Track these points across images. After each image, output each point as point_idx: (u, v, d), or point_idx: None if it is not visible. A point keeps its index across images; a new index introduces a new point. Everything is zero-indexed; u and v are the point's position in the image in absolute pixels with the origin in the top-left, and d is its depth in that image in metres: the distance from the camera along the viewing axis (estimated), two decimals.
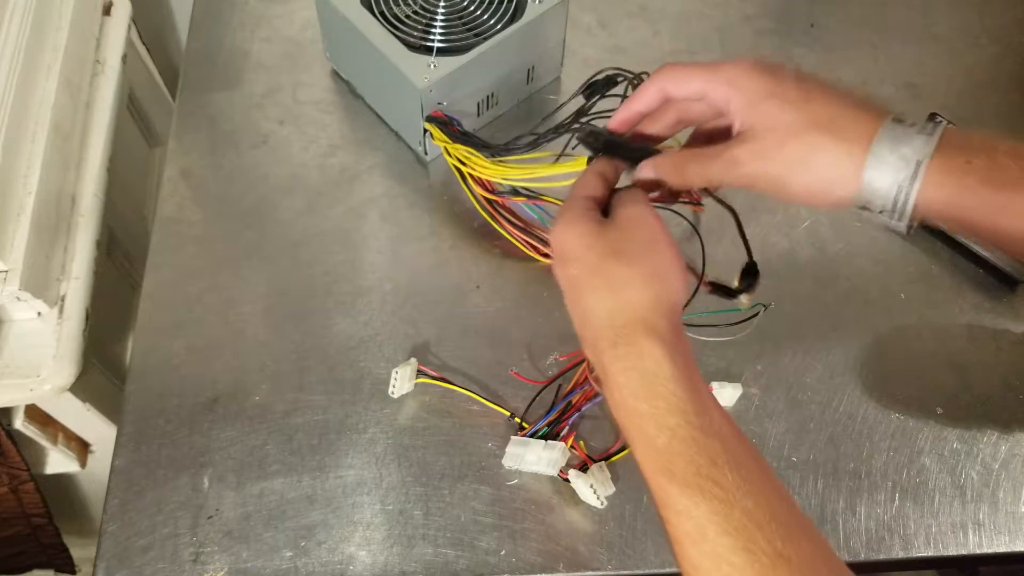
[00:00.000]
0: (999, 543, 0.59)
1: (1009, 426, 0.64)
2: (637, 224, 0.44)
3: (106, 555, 0.58)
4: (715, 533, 0.37)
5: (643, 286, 0.42)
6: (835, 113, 0.42)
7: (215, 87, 0.81)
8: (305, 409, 0.64)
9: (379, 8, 0.72)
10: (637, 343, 0.41)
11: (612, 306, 0.42)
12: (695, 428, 0.39)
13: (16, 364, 0.69)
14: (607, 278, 0.43)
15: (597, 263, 0.43)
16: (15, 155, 0.69)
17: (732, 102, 0.44)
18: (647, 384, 0.40)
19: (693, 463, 0.38)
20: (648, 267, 0.43)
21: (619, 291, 0.42)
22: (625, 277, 0.42)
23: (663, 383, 0.40)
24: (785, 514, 0.38)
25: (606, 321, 0.42)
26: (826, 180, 0.43)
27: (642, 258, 0.43)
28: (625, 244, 0.43)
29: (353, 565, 0.58)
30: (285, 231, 0.72)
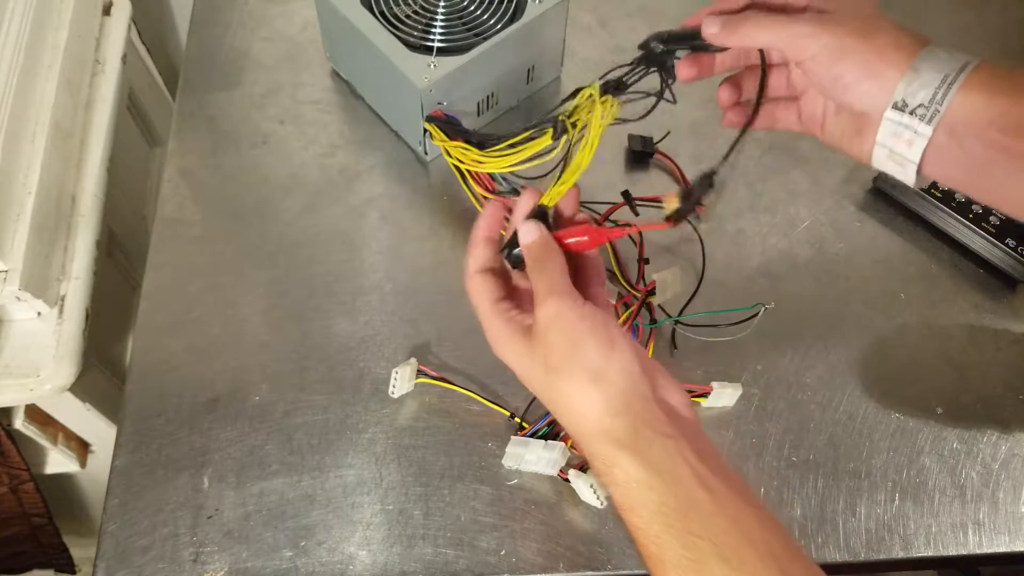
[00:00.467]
0: (999, 543, 0.59)
1: (1009, 426, 0.64)
2: (555, 328, 0.42)
3: (106, 555, 0.58)
4: None
5: (586, 397, 0.41)
6: (895, 25, 0.44)
7: (215, 87, 0.81)
8: (305, 409, 0.64)
9: (379, 8, 0.72)
10: (605, 456, 0.40)
11: (572, 424, 0.42)
12: (678, 531, 0.38)
13: (16, 364, 0.69)
14: (556, 397, 0.42)
15: (542, 382, 0.43)
16: (15, 155, 0.69)
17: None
18: (626, 496, 0.40)
19: (680, 569, 0.38)
20: (582, 373, 0.41)
21: (569, 409, 0.42)
22: (568, 392, 0.41)
23: (637, 490, 0.39)
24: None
25: (576, 439, 0.43)
26: (875, 69, 0.43)
27: (572, 365, 0.41)
28: (553, 354, 0.42)
29: (353, 565, 0.58)
30: (285, 231, 0.72)
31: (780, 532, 0.39)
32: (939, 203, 0.70)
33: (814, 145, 0.77)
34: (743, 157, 0.77)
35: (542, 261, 0.45)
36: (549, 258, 0.45)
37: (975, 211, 0.70)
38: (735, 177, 0.75)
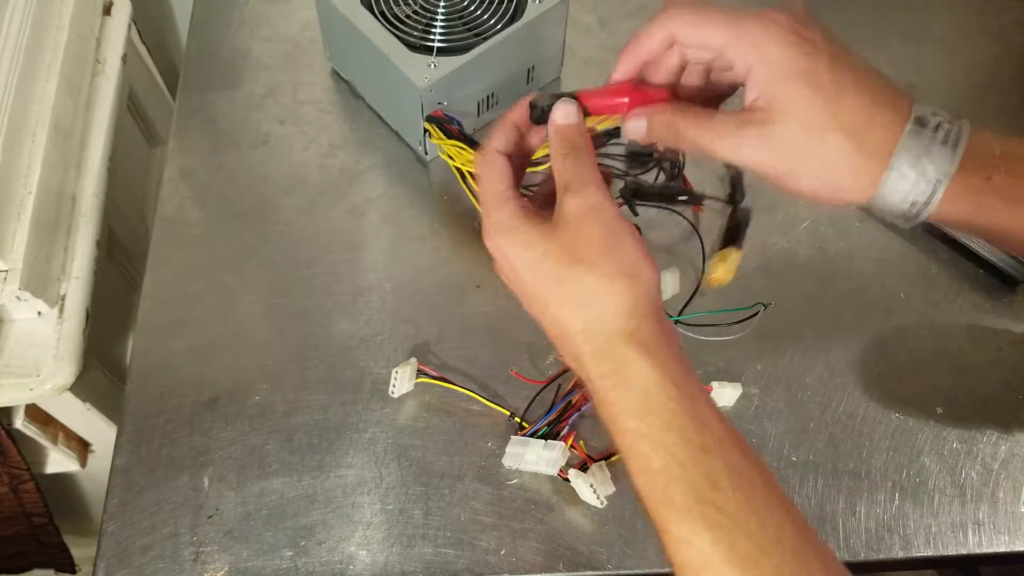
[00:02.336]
0: (999, 543, 0.59)
1: (1009, 426, 0.64)
2: (592, 219, 0.39)
3: (106, 554, 0.58)
4: (719, 562, 0.34)
5: (615, 291, 0.38)
6: (861, 115, 0.39)
7: (215, 87, 0.81)
8: (305, 409, 0.64)
9: (379, 8, 0.72)
10: (621, 357, 0.38)
11: (586, 320, 0.39)
12: (694, 447, 0.36)
13: (16, 364, 0.69)
14: (573, 289, 0.39)
15: (557, 273, 0.39)
16: (15, 155, 0.69)
17: (753, 71, 0.39)
18: (638, 400, 0.37)
19: (693, 487, 0.35)
20: (614, 268, 0.38)
21: (590, 302, 0.38)
22: (593, 285, 0.38)
23: (655, 397, 0.37)
24: (792, 534, 0.35)
25: (582, 337, 0.39)
26: (839, 185, 0.40)
27: (606, 259, 0.38)
28: (583, 246, 0.39)
29: (353, 565, 0.58)
30: (285, 231, 0.72)
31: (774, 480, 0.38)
32: None
33: None
34: None
35: (577, 148, 0.41)
36: (584, 147, 0.41)
37: None
38: None
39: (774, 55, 0.39)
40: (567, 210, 0.39)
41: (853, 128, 0.38)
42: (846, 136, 0.38)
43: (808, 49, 0.39)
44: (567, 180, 0.40)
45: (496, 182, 0.42)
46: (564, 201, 0.40)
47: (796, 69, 0.38)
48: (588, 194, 0.39)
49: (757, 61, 0.39)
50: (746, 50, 0.39)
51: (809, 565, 0.35)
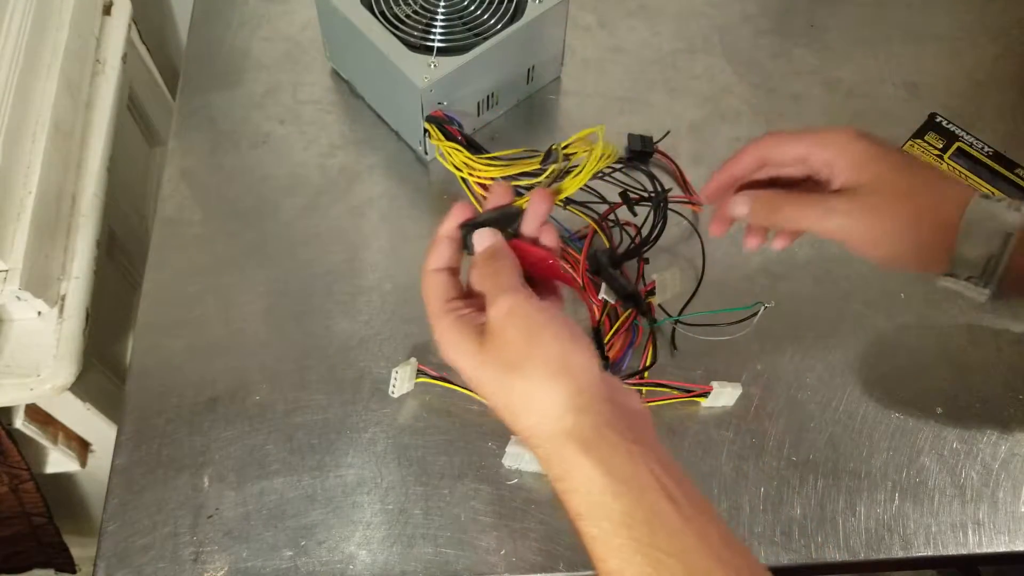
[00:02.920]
0: (999, 543, 0.59)
1: (1009, 426, 0.64)
2: (511, 324, 0.40)
3: (106, 554, 0.58)
4: None
5: (545, 392, 0.38)
6: (934, 185, 0.45)
7: (215, 87, 0.81)
8: (305, 409, 0.64)
9: (379, 8, 0.72)
10: (566, 458, 0.38)
11: (530, 425, 0.39)
12: (643, 545, 0.36)
13: (16, 364, 0.69)
14: (510, 395, 0.40)
15: (492, 382, 0.40)
16: (15, 154, 0.69)
17: (837, 163, 0.46)
18: (587, 504, 0.37)
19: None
20: (541, 368, 0.39)
21: (527, 408, 0.39)
22: (525, 390, 0.39)
23: (599, 498, 0.37)
24: None
25: (533, 441, 0.40)
26: (920, 247, 0.45)
27: (530, 361, 0.39)
28: (508, 352, 0.39)
29: (353, 564, 0.58)
30: (285, 231, 0.72)
31: (744, 551, 0.38)
32: None
33: None
34: None
35: (494, 262, 0.44)
36: (501, 260, 0.44)
37: None
38: None
39: (853, 148, 0.46)
40: (490, 320, 0.41)
41: (927, 191, 0.45)
42: (922, 196, 0.45)
43: (878, 142, 0.46)
44: (488, 291, 0.42)
45: (435, 299, 0.44)
46: (488, 313, 0.41)
47: (874, 154, 0.46)
48: (504, 301, 0.41)
49: (839, 154, 0.46)
50: (827, 149, 0.47)
51: None
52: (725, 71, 0.82)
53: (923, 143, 0.73)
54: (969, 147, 0.72)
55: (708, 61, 0.83)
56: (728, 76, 0.82)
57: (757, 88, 0.81)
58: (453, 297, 0.44)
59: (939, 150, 0.72)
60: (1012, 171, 0.71)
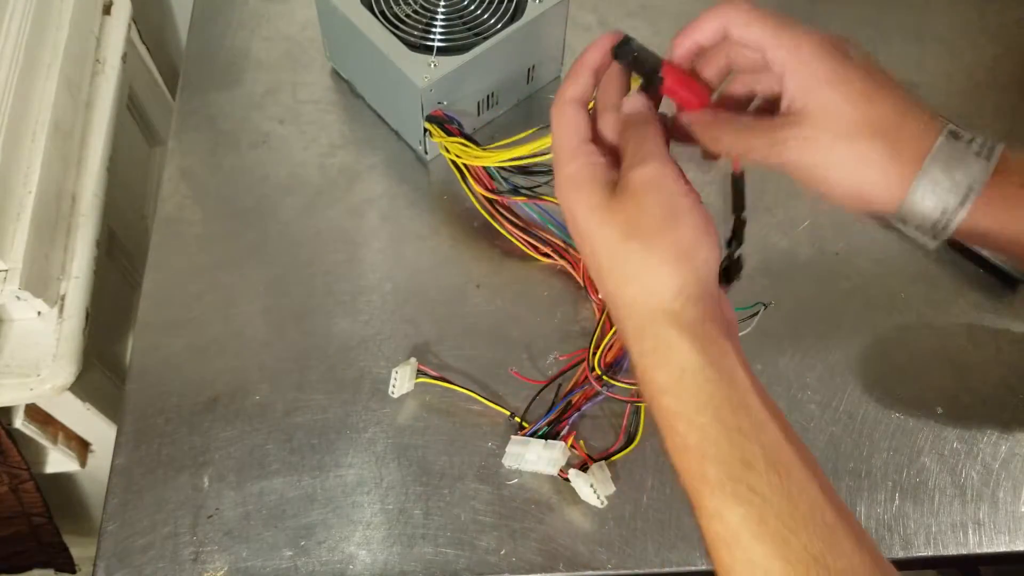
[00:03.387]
0: (999, 543, 0.59)
1: (1009, 426, 0.64)
2: (652, 194, 0.38)
3: (106, 554, 0.58)
4: (749, 539, 0.34)
5: (664, 272, 0.38)
6: (894, 120, 0.40)
7: (215, 86, 0.81)
8: (305, 408, 0.64)
9: (379, 7, 0.72)
10: (663, 337, 0.37)
11: (634, 295, 0.38)
12: (728, 427, 0.36)
13: (16, 363, 0.69)
14: (624, 263, 0.38)
15: (612, 244, 0.39)
16: (15, 154, 0.69)
17: (789, 75, 0.40)
18: (676, 380, 0.37)
19: (725, 465, 0.35)
20: (670, 246, 0.38)
21: (639, 279, 0.38)
22: (643, 264, 0.38)
23: (691, 378, 0.37)
24: (829, 516, 0.35)
25: (628, 311, 0.39)
26: (869, 190, 0.40)
27: (660, 237, 0.38)
28: (640, 221, 0.38)
29: (353, 564, 0.58)
30: (285, 230, 0.72)
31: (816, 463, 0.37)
32: None
33: None
34: None
35: (645, 126, 0.41)
36: (652, 125, 0.41)
37: None
38: None
39: (810, 60, 0.40)
40: (631, 180, 0.39)
41: (884, 134, 0.39)
42: (876, 138, 0.39)
43: (842, 60, 0.40)
44: (635, 152, 0.40)
45: (568, 136, 0.42)
46: (628, 173, 0.39)
47: (830, 76, 0.39)
48: (653, 166, 0.39)
49: (794, 63, 0.40)
50: (785, 50, 0.40)
51: (840, 544, 0.35)
52: None
53: None
54: None
55: None
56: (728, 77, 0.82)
57: None
58: (586, 138, 0.42)
59: None
60: None
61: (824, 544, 0.34)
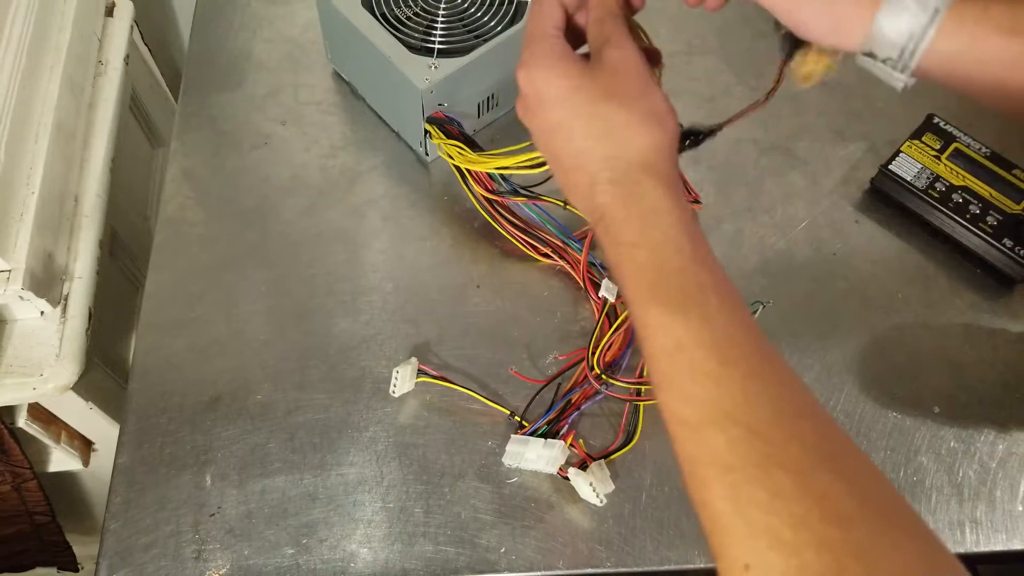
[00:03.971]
0: (996, 542, 0.60)
1: (1006, 425, 0.64)
2: (630, 67, 0.42)
3: (109, 553, 0.58)
4: (692, 345, 0.36)
5: (644, 131, 0.41)
6: None
7: (217, 88, 0.81)
8: (307, 408, 0.64)
9: (380, 10, 0.72)
10: (639, 183, 0.40)
11: (611, 150, 0.41)
12: (688, 258, 0.39)
13: (19, 363, 0.69)
14: (604, 121, 0.41)
15: (590, 106, 0.42)
16: (18, 155, 0.69)
17: None
18: (645, 218, 0.40)
19: (680, 288, 0.38)
20: (646, 110, 0.41)
21: (618, 135, 0.41)
22: (623, 121, 0.41)
23: (662, 217, 0.39)
24: (764, 344, 0.37)
25: (603, 164, 0.41)
26: (839, 16, 0.42)
27: (639, 101, 0.41)
28: (619, 86, 0.42)
29: (354, 562, 0.58)
30: (287, 231, 0.73)
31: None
32: (936, 203, 0.71)
33: (812, 146, 0.78)
34: (741, 158, 0.77)
35: (613, 16, 0.44)
36: (621, 16, 0.44)
37: (972, 211, 0.70)
38: (733, 177, 0.76)
39: None
40: (605, 57, 0.42)
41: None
42: None
43: None
44: (607, 35, 0.43)
45: (543, 20, 0.45)
46: (603, 51, 0.43)
47: None
48: (627, 49, 0.43)
49: None
50: None
51: (774, 363, 0.37)
52: (724, 72, 0.83)
53: (921, 144, 0.73)
54: (966, 148, 0.73)
55: (707, 62, 0.83)
56: (727, 77, 0.82)
57: (755, 89, 0.81)
58: (560, 27, 0.45)
59: (936, 151, 0.73)
60: (1010, 172, 0.71)
61: (760, 358, 0.36)
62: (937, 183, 0.71)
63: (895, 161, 0.73)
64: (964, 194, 0.71)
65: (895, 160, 0.73)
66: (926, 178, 0.72)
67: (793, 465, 0.33)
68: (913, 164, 0.72)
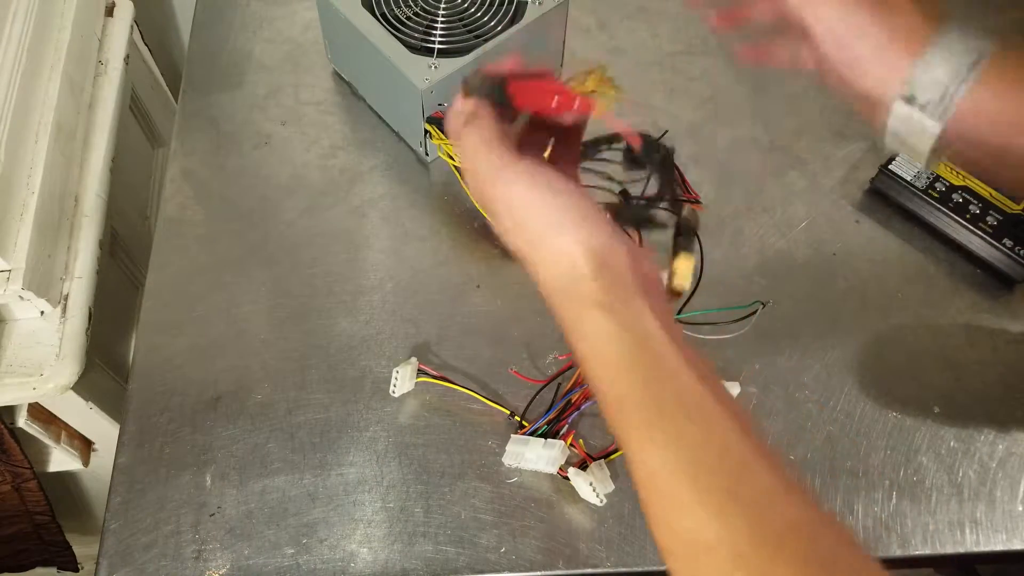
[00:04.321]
0: (996, 541, 0.60)
1: (1006, 425, 0.64)
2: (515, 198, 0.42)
3: (108, 552, 0.58)
4: (666, 477, 0.37)
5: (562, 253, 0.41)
6: (893, 6, 0.44)
7: (217, 88, 0.81)
8: (307, 407, 0.64)
9: (380, 10, 0.72)
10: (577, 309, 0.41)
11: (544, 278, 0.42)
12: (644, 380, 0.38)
13: (19, 363, 0.69)
14: (532, 254, 0.42)
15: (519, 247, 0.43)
16: (18, 155, 0.69)
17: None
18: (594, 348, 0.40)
19: (642, 413, 0.38)
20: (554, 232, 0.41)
21: (545, 265, 0.42)
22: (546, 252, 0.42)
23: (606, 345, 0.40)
24: (741, 451, 0.37)
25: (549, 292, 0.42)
26: (884, 47, 0.43)
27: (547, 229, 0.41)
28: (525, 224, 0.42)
29: (354, 562, 0.58)
30: (287, 231, 0.73)
31: (735, 400, 0.39)
32: (937, 203, 0.71)
33: (812, 146, 0.78)
34: (741, 157, 0.77)
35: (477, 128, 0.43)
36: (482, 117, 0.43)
37: (972, 211, 0.70)
38: (733, 177, 0.76)
39: None
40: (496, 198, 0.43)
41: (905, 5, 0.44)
42: (900, 10, 0.44)
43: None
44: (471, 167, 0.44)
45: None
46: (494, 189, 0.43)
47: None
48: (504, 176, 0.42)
49: None
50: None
51: (753, 475, 0.36)
52: (724, 72, 0.83)
53: None
54: None
55: (707, 62, 0.83)
56: (727, 77, 0.82)
57: (755, 90, 0.82)
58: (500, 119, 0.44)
59: None
60: None
61: (734, 479, 0.36)
62: (937, 183, 0.71)
63: (895, 161, 0.73)
64: (964, 194, 0.71)
65: (895, 160, 0.73)
66: (926, 178, 0.72)
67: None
68: (913, 164, 0.72)
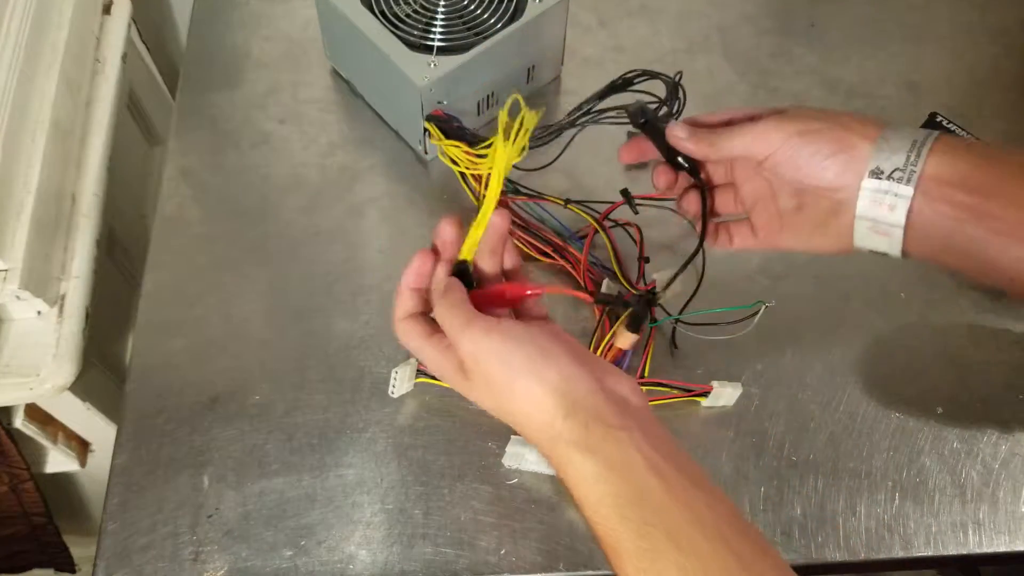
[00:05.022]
0: (999, 543, 0.59)
1: (1009, 425, 0.64)
2: (480, 360, 0.43)
3: (106, 554, 0.58)
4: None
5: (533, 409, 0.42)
6: (837, 120, 0.47)
7: (215, 86, 0.81)
8: (305, 408, 0.64)
9: (379, 7, 0.72)
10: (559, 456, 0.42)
11: (527, 435, 0.44)
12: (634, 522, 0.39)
13: (16, 363, 0.69)
14: (507, 419, 0.44)
15: (494, 409, 0.44)
16: (15, 153, 0.69)
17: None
18: (581, 492, 0.41)
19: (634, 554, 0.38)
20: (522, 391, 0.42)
21: (524, 424, 0.43)
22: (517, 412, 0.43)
23: (593, 485, 0.40)
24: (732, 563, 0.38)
25: (535, 444, 0.44)
26: (839, 153, 0.45)
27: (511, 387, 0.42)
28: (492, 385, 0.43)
29: (353, 564, 0.58)
30: (285, 230, 0.72)
31: (729, 512, 0.39)
32: None
33: None
34: None
35: (445, 300, 0.46)
36: (451, 294, 0.46)
37: None
38: None
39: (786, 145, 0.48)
40: (463, 360, 0.44)
41: (848, 113, 0.47)
42: (846, 114, 0.46)
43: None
44: (449, 335, 0.45)
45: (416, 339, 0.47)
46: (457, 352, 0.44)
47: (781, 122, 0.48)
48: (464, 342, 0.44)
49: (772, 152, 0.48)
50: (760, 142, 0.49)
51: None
52: (725, 71, 0.82)
53: None
54: None
55: (708, 61, 0.83)
56: (728, 76, 0.82)
57: (757, 88, 0.81)
58: (431, 332, 0.46)
59: None
60: None
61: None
62: None
63: None
64: None
65: None
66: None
67: None
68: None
